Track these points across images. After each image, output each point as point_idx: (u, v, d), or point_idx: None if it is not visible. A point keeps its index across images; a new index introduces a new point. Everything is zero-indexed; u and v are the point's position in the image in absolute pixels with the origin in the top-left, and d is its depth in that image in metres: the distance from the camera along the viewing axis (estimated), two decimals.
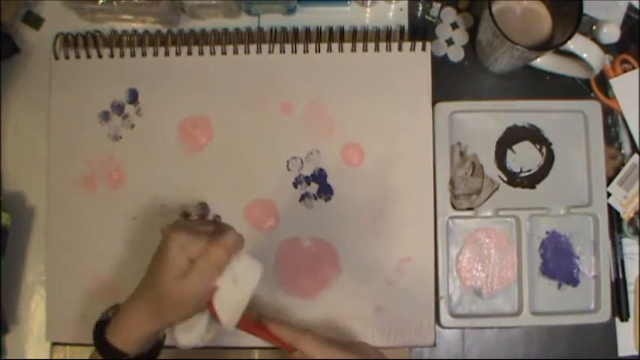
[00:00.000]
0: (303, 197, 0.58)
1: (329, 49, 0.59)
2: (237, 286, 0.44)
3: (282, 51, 0.59)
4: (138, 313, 0.45)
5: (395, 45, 0.59)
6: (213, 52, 0.60)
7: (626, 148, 0.61)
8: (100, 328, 0.46)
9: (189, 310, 0.44)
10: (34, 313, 0.59)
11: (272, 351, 0.57)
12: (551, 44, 0.57)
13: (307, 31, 0.60)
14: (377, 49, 0.59)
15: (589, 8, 0.60)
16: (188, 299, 0.43)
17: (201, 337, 0.47)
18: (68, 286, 0.58)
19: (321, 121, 0.59)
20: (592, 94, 0.61)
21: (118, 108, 0.60)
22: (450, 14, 0.63)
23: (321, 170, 0.59)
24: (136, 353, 0.45)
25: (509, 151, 0.60)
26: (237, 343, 0.56)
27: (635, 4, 0.62)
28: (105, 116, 0.60)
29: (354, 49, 0.59)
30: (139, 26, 0.62)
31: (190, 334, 0.46)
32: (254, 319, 0.48)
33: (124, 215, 0.59)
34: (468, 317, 0.58)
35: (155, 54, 0.60)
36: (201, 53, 0.60)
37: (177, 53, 0.60)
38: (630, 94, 0.61)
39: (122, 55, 0.60)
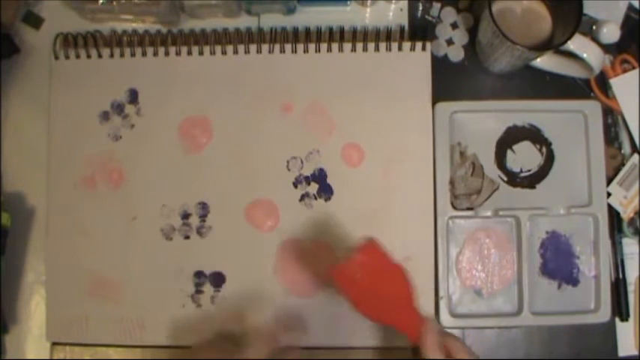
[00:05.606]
0: (303, 197, 0.58)
1: (329, 49, 0.59)
2: None
3: (282, 51, 0.59)
4: None
5: (395, 45, 0.59)
6: (213, 52, 0.60)
7: (626, 148, 0.61)
8: None
9: None
10: (34, 313, 0.59)
11: None
12: (551, 44, 0.57)
13: (307, 31, 0.60)
14: (377, 49, 0.59)
15: (589, 8, 0.60)
16: None
17: None
18: (68, 286, 0.58)
19: (321, 121, 0.59)
20: (592, 94, 0.61)
21: (118, 108, 0.60)
22: (450, 14, 0.63)
23: (321, 170, 0.59)
24: None
25: (509, 151, 0.60)
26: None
27: (635, 4, 0.62)
28: (105, 116, 0.60)
29: (354, 49, 0.59)
30: (139, 26, 0.62)
31: None
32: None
33: (124, 215, 0.59)
34: (468, 317, 0.58)
35: (155, 54, 0.60)
36: (201, 53, 0.60)
37: (177, 53, 0.60)
38: (630, 94, 0.61)
39: (122, 55, 0.60)
